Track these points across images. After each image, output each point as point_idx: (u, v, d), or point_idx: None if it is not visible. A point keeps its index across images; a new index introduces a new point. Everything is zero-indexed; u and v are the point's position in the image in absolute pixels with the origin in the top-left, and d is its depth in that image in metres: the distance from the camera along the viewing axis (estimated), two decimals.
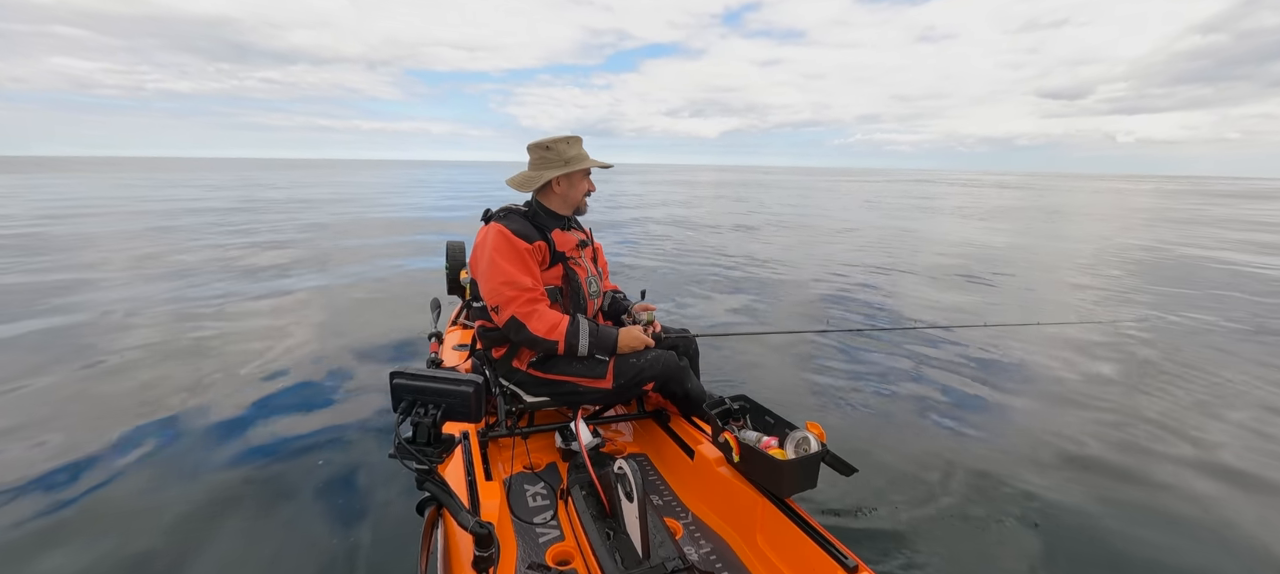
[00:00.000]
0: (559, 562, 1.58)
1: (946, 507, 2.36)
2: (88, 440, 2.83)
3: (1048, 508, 2.37)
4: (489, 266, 1.91)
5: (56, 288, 6.01)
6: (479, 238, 2.01)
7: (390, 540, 2.13)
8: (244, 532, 2.20)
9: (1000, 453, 2.82)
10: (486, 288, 1.93)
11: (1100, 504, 2.41)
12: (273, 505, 2.36)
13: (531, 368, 2.01)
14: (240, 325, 4.80)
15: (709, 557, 1.63)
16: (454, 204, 18.94)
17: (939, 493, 2.45)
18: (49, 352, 4.11)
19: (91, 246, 8.86)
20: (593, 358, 1.98)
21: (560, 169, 2.02)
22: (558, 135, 2.05)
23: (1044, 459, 2.76)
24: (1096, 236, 12.42)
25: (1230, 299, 6.43)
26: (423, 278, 6.76)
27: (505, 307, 1.89)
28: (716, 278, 7.28)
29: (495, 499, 1.57)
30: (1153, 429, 3.11)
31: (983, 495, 2.45)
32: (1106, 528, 2.26)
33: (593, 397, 2.04)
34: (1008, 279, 7.48)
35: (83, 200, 17.63)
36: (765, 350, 4.32)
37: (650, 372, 2.02)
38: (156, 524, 2.22)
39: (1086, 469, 2.70)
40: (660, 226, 12.83)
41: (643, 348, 2.02)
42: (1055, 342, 4.62)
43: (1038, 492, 2.47)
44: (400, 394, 1.28)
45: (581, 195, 2.11)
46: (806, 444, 1.61)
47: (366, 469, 2.61)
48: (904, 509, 2.32)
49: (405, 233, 11.23)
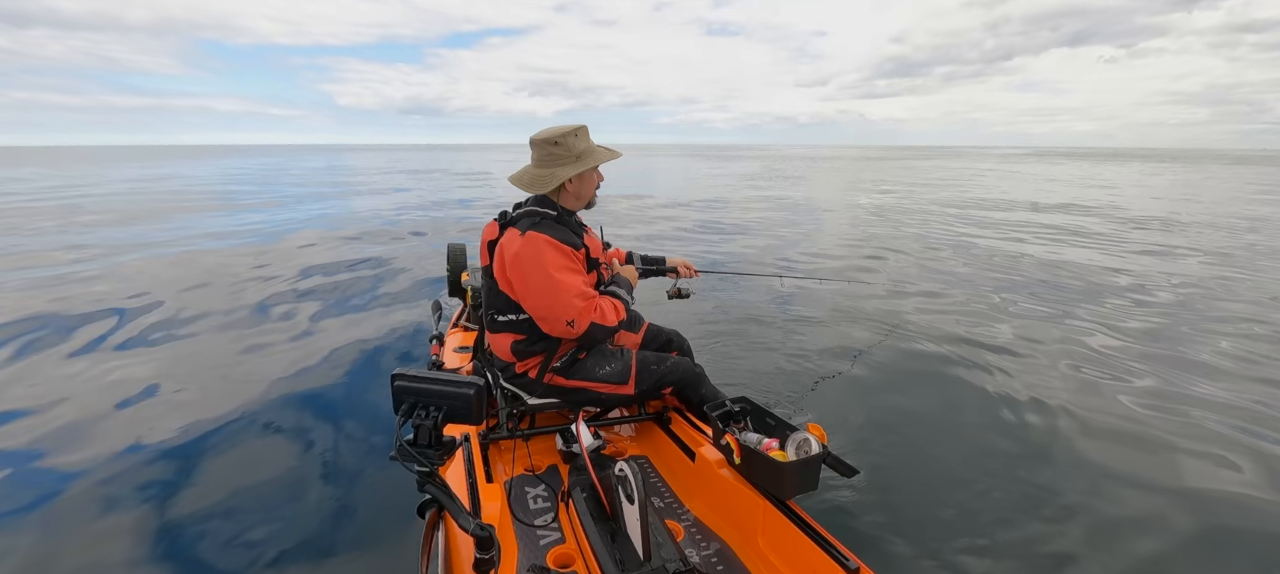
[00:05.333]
0: (560, 564, 1.58)
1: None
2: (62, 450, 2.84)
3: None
4: (546, 282, 1.78)
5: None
6: (516, 249, 1.81)
7: (391, 543, 2.13)
8: (243, 532, 2.20)
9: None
10: (547, 303, 1.80)
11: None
12: (272, 507, 2.36)
13: (554, 374, 1.98)
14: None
15: (710, 559, 1.63)
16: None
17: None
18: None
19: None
20: (618, 361, 2.03)
21: (573, 166, 1.88)
22: (562, 126, 1.89)
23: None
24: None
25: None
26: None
27: (581, 318, 1.80)
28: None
29: (496, 501, 1.57)
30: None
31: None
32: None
33: (614, 402, 2.06)
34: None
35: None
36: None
37: (671, 377, 2.06)
38: (154, 523, 2.22)
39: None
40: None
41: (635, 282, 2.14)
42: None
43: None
44: (401, 396, 1.28)
45: (593, 190, 2.00)
46: (807, 446, 1.61)
47: (367, 471, 2.61)
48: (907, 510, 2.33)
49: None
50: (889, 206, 13.89)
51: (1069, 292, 5.89)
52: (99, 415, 3.16)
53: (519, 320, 1.92)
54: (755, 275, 5.75)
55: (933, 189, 19.34)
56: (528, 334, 1.93)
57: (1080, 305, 5.35)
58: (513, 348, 1.97)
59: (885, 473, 2.57)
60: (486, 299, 2.00)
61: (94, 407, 3.26)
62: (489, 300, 1.98)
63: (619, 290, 1.98)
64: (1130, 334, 4.53)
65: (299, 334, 4.54)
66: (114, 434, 2.94)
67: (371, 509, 2.33)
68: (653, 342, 2.30)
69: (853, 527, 2.19)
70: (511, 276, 1.85)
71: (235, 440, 2.92)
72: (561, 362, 1.98)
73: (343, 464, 2.69)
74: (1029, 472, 2.61)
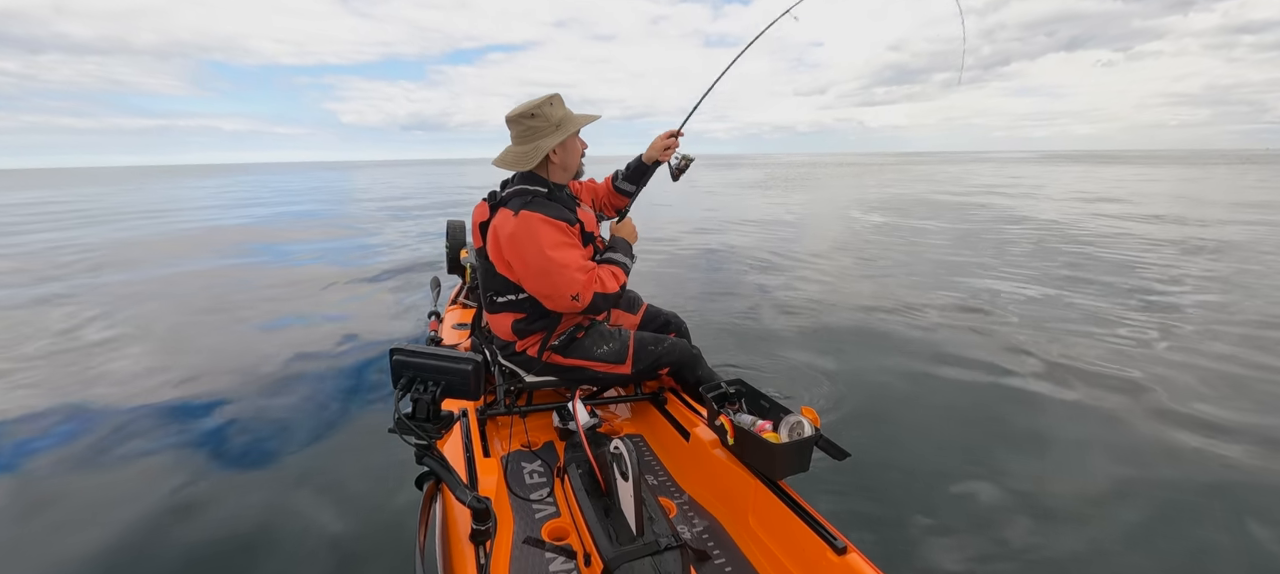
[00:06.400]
0: (554, 537, 1.61)
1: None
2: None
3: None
4: (545, 261, 1.76)
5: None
6: (511, 230, 1.79)
7: (389, 514, 2.16)
8: (240, 503, 2.23)
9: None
10: (550, 282, 1.79)
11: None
12: (273, 480, 2.39)
13: (552, 352, 1.99)
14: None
15: (701, 535, 1.67)
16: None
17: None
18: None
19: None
20: (616, 341, 2.03)
21: (555, 135, 1.83)
22: (536, 98, 1.82)
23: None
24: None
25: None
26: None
27: (585, 290, 1.80)
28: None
29: (493, 475, 1.60)
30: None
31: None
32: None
33: (610, 381, 2.08)
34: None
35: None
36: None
37: (668, 358, 2.08)
38: (156, 500, 2.26)
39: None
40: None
41: (634, 237, 2.07)
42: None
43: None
44: (400, 370, 1.30)
45: (578, 159, 1.95)
46: (800, 428, 1.63)
47: (365, 443, 2.64)
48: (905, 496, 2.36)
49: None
50: (900, 203, 13.76)
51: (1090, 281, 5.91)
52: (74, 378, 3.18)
53: (518, 300, 1.92)
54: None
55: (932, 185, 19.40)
56: (528, 313, 1.93)
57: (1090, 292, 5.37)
58: (513, 327, 1.97)
59: (877, 455, 2.61)
60: (483, 281, 1.99)
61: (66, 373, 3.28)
62: (486, 282, 1.97)
63: (616, 255, 1.96)
64: (1139, 324, 4.55)
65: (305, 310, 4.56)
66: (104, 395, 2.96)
67: (369, 481, 2.36)
68: (651, 322, 2.32)
69: (843, 507, 2.22)
70: (509, 258, 1.84)
71: (234, 406, 2.94)
72: (560, 340, 1.99)
73: (341, 435, 2.72)
74: (1021, 456, 2.65)
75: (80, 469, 2.48)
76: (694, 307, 4.70)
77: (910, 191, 18.65)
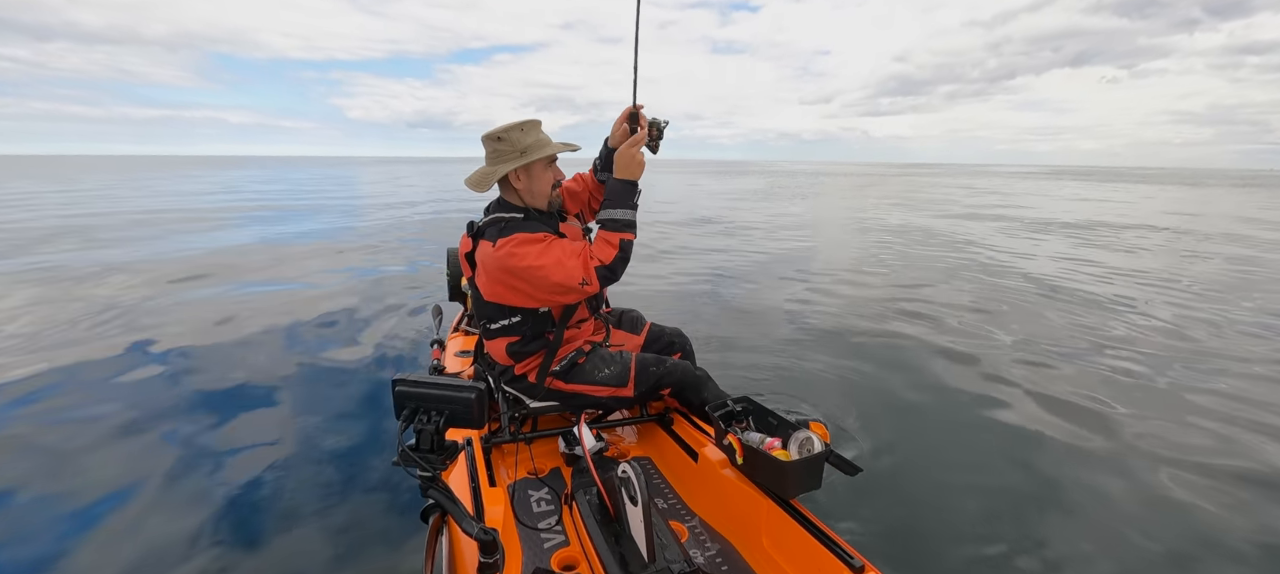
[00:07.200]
0: (564, 567, 1.58)
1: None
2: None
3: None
4: (537, 275, 1.72)
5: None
6: (495, 263, 1.75)
7: (394, 548, 2.12)
8: (246, 540, 2.19)
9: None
10: (550, 288, 1.75)
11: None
12: (275, 516, 2.36)
13: (553, 378, 1.97)
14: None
15: (715, 559, 1.63)
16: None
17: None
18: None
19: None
20: (617, 364, 1.99)
21: (515, 161, 1.78)
22: (511, 121, 1.80)
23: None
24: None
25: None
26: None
27: (588, 272, 1.73)
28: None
29: (500, 505, 1.57)
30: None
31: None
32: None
33: (614, 404, 2.05)
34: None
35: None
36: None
37: (669, 379, 2.05)
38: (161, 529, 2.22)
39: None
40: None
41: (639, 169, 1.82)
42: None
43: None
44: (402, 401, 1.28)
45: (547, 188, 1.87)
46: (810, 445, 1.60)
47: (369, 477, 2.61)
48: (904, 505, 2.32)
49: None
50: (909, 223, 13.13)
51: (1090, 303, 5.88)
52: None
53: (511, 324, 1.90)
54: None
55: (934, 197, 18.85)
56: (522, 335, 1.92)
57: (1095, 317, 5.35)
58: (509, 351, 1.95)
59: (889, 471, 2.57)
60: (476, 309, 1.98)
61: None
62: (479, 310, 1.96)
63: (610, 212, 1.81)
64: (1155, 346, 4.52)
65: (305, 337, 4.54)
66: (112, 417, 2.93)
67: (374, 515, 2.33)
68: (655, 342, 2.30)
69: (857, 525, 2.18)
70: (499, 289, 1.81)
71: (236, 442, 2.91)
72: (561, 365, 1.98)
73: (344, 470, 2.68)
74: (1036, 469, 2.61)
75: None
76: (694, 326, 4.67)
77: (916, 221, 13.96)
